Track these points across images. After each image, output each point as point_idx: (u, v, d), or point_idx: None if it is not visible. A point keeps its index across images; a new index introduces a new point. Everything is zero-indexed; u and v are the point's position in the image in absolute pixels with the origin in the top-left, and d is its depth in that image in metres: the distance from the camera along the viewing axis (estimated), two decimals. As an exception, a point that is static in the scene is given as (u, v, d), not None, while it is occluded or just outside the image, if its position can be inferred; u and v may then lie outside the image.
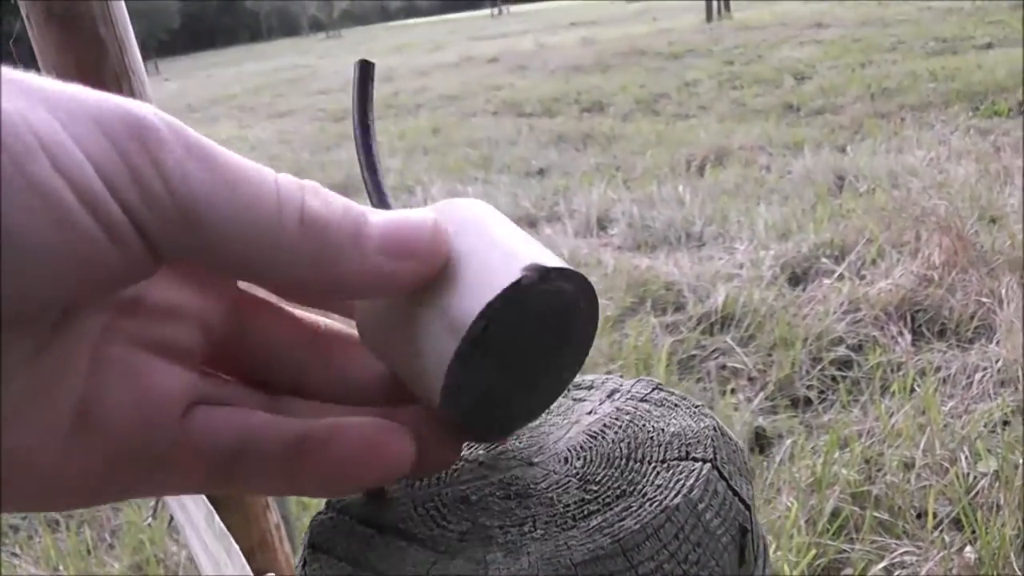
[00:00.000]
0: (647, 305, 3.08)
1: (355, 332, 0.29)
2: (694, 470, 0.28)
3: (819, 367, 2.60)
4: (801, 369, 2.60)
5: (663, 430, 0.31)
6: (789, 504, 1.96)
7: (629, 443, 0.31)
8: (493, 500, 0.29)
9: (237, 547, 0.95)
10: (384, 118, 9.43)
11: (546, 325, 0.28)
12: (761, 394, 2.49)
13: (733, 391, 2.54)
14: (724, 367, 2.69)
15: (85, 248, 0.20)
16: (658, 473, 0.29)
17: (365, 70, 0.30)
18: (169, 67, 30.21)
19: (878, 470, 2.08)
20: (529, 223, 4.28)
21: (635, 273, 3.31)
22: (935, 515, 1.90)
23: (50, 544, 2.16)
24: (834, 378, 2.55)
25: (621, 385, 0.35)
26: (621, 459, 0.30)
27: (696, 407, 0.33)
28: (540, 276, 0.26)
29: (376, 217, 0.25)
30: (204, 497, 1.01)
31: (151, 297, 0.26)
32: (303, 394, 0.29)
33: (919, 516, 1.93)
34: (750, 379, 2.63)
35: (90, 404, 0.23)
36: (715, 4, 19.02)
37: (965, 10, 14.32)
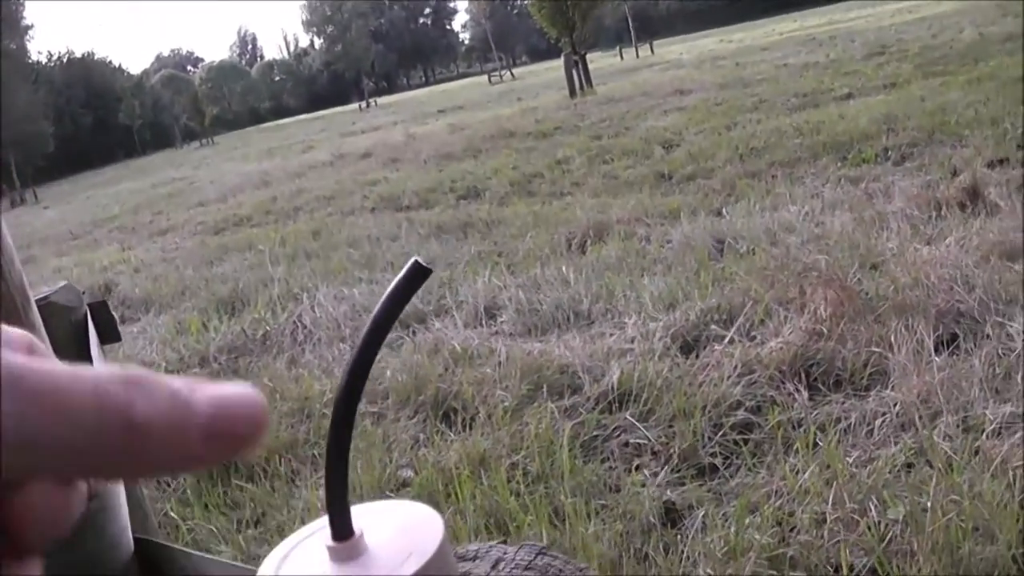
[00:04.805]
0: (544, 391, 3.13)
1: None
2: None
3: (720, 433, 2.68)
4: (703, 437, 2.67)
5: None
6: (707, 576, 2.00)
7: None
8: None
9: None
10: (263, 224, 9.48)
11: None
12: (667, 467, 2.56)
13: (639, 468, 2.60)
14: (627, 444, 2.74)
15: None
16: None
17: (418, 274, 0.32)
18: (48, 193, 29.85)
19: (791, 530, 2.15)
20: (418, 319, 4.31)
21: (528, 360, 3.36)
22: (851, 568, 1.97)
23: None
24: (736, 442, 2.64)
25: (505, 553, 0.37)
26: None
27: (580, 570, 0.34)
28: None
29: (202, 398, 0.24)
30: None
31: None
32: None
33: (836, 571, 2.00)
34: (654, 454, 2.70)
35: None
36: (576, 80, 19.71)
37: (820, 64, 15.24)
